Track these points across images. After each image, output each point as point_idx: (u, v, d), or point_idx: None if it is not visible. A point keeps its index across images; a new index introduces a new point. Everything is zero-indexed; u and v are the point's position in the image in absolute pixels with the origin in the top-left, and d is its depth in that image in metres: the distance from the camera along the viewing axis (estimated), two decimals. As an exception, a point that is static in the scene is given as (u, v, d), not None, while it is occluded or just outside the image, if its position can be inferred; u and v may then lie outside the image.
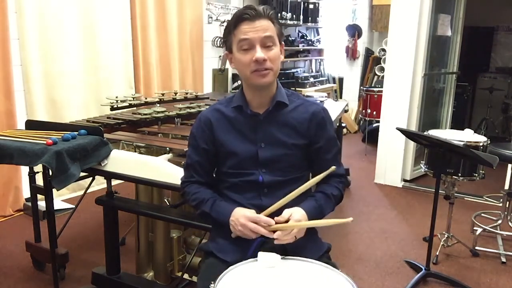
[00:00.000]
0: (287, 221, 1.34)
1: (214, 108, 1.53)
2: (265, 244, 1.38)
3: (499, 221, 3.16)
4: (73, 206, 3.06)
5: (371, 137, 5.51)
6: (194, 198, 1.50)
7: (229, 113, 1.49)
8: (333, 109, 3.79)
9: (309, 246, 1.45)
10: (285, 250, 1.36)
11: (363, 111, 5.48)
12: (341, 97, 7.23)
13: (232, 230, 1.38)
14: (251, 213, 1.36)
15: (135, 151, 2.28)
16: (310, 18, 6.51)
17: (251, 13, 1.36)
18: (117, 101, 2.77)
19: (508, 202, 3.12)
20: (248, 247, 1.40)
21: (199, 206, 1.48)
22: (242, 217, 1.34)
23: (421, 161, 2.97)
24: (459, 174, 2.69)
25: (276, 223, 1.33)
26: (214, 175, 1.58)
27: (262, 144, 1.46)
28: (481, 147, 2.69)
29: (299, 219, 1.34)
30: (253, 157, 1.45)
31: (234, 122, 1.48)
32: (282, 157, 1.46)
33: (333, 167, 1.42)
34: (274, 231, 1.31)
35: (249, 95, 1.47)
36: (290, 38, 6.47)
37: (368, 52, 7.04)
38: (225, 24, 5.13)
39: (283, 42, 1.46)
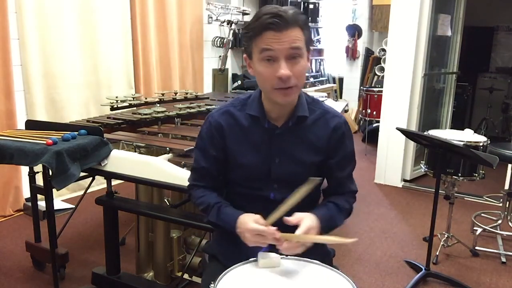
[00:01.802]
0: (296, 226, 1.24)
1: (226, 111, 1.39)
2: (271, 251, 1.32)
3: (499, 221, 3.16)
4: (73, 206, 3.06)
5: (371, 137, 5.51)
6: (200, 203, 1.43)
7: (243, 121, 1.36)
8: (333, 109, 3.79)
9: (314, 253, 1.36)
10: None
11: (363, 111, 5.48)
12: (341, 97, 7.23)
13: (243, 240, 1.28)
14: (255, 222, 1.24)
15: (135, 151, 2.27)
16: (310, 18, 6.51)
17: (278, 22, 1.18)
18: (117, 101, 2.77)
19: (508, 202, 3.12)
20: (252, 253, 1.32)
21: (205, 212, 1.42)
22: (246, 231, 1.24)
23: (421, 161, 2.97)
24: (459, 174, 2.69)
25: (284, 223, 1.24)
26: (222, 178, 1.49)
27: (276, 160, 1.35)
28: (481, 147, 2.69)
29: (310, 225, 1.24)
30: (265, 173, 1.36)
31: (248, 132, 1.36)
32: (297, 175, 1.33)
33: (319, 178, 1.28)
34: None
35: (268, 106, 1.34)
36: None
37: (368, 52, 7.04)
38: (225, 24, 5.14)
39: (310, 48, 1.29)
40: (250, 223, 1.24)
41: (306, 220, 1.24)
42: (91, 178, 2.47)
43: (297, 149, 1.35)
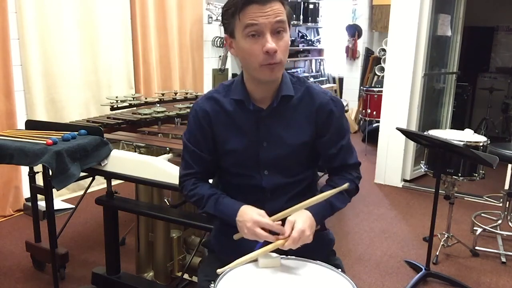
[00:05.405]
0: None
1: (210, 97, 1.36)
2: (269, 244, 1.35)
3: (499, 221, 3.16)
4: (73, 206, 3.06)
5: (371, 137, 5.50)
6: (192, 194, 1.38)
7: (228, 106, 1.33)
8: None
9: (318, 242, 1.35)
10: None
11: (363, 111, 5.48)
12: (341, 97, 7.22)
13: (239, 230, 1.26)
14: (260, 215, 1.23)
15: (135, 151, 2.28)
16: (310, 18, 6.51)
17: None
18: (117, 101, 2.77)
19: (508, 202, 3.11)
20: (251, 248, 1.32)
21: (199, 204, 1.36)
22: (250, 221, 1.22)
23: (421, 161, 2.97)
24: (459, 174, 2.69)
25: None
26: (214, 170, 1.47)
27: (264, 143, 1.33)
28: (481, 147, 2.69)
29: (301, 229, 1.21)
30: (253, 158, 1.33)
31: (233, 117, 1.33)
32: (286, 158, 1.33)
33: (346, 185, 1.26)
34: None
35: (251, 87, 1.31)
36: (290, 38, 6.50)
37: (368, 52, 7.03)
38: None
39: (291, 24, 1.29)
40: (254, 215, 1.23)
41: (298, 224, 1.22)
42: (91, 178, 2.47)
43: (285, 131, 1.32)
